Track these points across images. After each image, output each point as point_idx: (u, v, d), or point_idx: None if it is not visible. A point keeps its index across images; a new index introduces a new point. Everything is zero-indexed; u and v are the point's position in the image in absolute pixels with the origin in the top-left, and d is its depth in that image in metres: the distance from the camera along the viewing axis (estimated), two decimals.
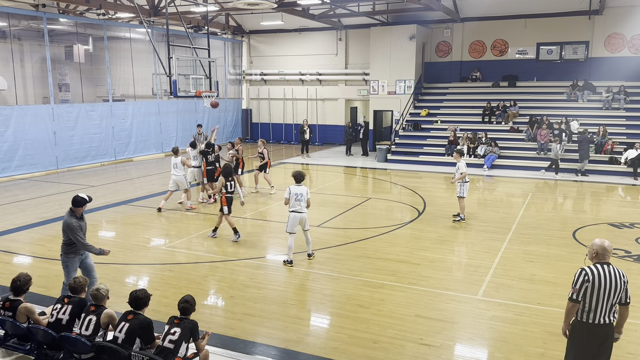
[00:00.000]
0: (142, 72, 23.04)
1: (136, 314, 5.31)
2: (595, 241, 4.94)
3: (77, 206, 6.98)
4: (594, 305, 4.76)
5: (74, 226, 6.85)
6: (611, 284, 4.73)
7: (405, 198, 14.96)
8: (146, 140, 23.15)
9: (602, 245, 4.86)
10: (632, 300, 7.58)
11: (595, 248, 4.88)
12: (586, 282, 4.74)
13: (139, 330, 5.18)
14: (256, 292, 8.09)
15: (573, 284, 4.80)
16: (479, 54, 24.36)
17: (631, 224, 11.96)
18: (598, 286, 4.72)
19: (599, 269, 4.77)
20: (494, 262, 9.34)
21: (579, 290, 4.76)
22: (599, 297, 4.73)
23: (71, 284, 5.86)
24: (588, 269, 4.78)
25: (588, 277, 4.74)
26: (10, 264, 9.47)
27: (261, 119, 29.71)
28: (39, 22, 18.70)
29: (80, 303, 5.71)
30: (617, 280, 4.76)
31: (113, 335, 5.29)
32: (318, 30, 26.91)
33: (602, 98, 21.16)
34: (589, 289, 4.74)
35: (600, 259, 4.85)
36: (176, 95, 14.82)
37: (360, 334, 6.67)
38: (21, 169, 18.18)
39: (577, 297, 4.77)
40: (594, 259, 4.89)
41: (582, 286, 4.75)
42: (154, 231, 11.69)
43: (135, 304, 5.35)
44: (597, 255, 4.87)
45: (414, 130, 22.97)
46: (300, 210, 9.09)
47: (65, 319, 5.60)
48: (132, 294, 5.41)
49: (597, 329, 4.81)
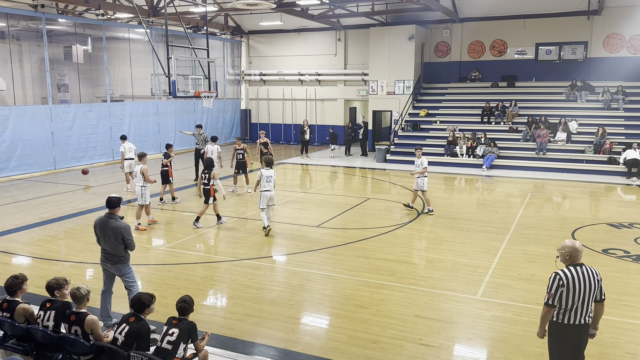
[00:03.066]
0: (141, 72, 23.02)
1: (138, 318, 5.27)
2: (566, 242, 4.91)
3: (114, 207, 6.67)
4: (570, 307, 4.76)
5: (128, 227, 6.66)
6: (586, 285, 4.73)
7: (404, 198, 14.95)
8: (144, 140, 23.12)
9: (573, 247, 4.82)
10: (631, 301, 7.65)
11: (567, 250, 4.84)
12: (561, 287, 4.72)
13: (137, 336, 5.15)
14: (255, 292, 8.08)
15: (548, 289, 4.78)
16: (478, 54, 24.38)
17: (630, 224, 11.97)
18: (573, 289, 4.71)
19: (572, 271, 4.75)
20: (493, 262, 9.34)
21: (554, 295, 4.74)
22: (574, 299, 4.73)
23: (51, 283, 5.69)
24: (562, 273, 4.76)
25: (562, 281, 4.72)
26: (9, 265, 9.45)
27: (260, 120, 29.70)
28: (38, 23, 18.67)
29: (63, 307, 5.54)
30: (591, 281, 4.75)
31: (112, 337, 5.27)
32: (317, 31, 26.92)
33: (600, 99, 21.19)
34: (564, 293, 4.73)
35: (573, 260, 4.82)
36: (175, 95, 14.81)
37: (359, 334, 6.67)
38: (19, 169, 18.16)
39: (552, 302, 4.76)
40: (567, 261, 4.85)
41: (557, 291, 4.73)
42: (153, 232, 11.67)
43: (137, 307, 5.31)
44: (570, 257, 4.83)
45: (413, 131, 22.98)
46: (270, 189, 10.83)
47: (51, 325, 5.49)
48: (136, 296, 5.37)
49: (573, 330, 4.82)
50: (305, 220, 12.40)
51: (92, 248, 10.36)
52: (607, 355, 6.12)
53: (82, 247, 10.39)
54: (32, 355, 5.59)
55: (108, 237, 6.61)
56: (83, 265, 9.35)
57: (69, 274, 7.54)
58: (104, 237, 6.66)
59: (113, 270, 6.80)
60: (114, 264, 6.73)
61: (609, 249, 10.08)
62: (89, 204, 14.08)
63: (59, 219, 12.59)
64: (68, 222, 12.40)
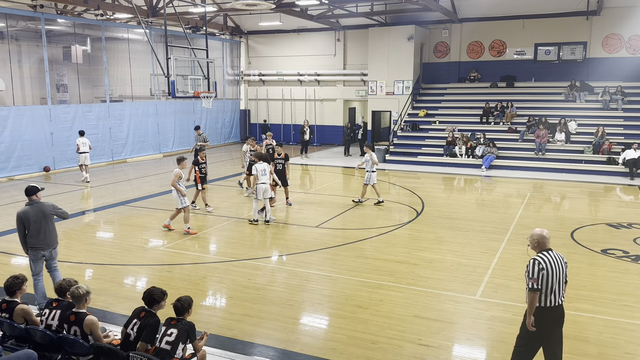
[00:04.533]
0: (140, 72, 23.01)
1: (148, 313, 5.27)
2: (535, 231, 5.24)
3: (33, 194, 7.36)
4: (549, 289, 5.02)
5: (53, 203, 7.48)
6: (559, 268, 5.09)
7: (403, 198, 14.96)
8: (144, 141, 23.12)
9: (542, 234, 5.18)
10: (631, 301, 7.67)
11: (536, 238, 5.19)
12: (542, 270, 5.00)
13: (146, 328, 5.14)
14: (254, 292, 8.08)
15: (530, 275, 5.03)
16: (477, 55, 24.39)
17: (629, 224, 11.98)
18: (551, 271, 5.02)
19: (547, 255, 5.09)
20: (492, 263, 9.34)
21: (538, 279, 5.00)
22: (553, 281, 5.02)
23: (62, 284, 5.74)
24: (539, 257, 5.07)
25: (542, 264, 5.01)
26: (9, 265, 9.45)
27: (259, 120, 29.70)
28: (37, 23, 18.67)
29: (69, 307, 5.56)
30: (562, 263, 5.13)
31: (125, 333, 5.27)
32: (316, 31, 26.92)
33: (599, 99, 21.21)
34: (545, 276, 4.99)
35: (542, 247, 5.17)
36: (174, 96, 14.80)
37: (358, 335, 6.67)
38: (18, 169, 18.15)
39: (538, 285, 5.00)
40: (537, 248, 5.20)
41: (539, 274, 4.99)
42: (152, 232, 11.66)
43: (148, 301, 5.30)
44: (539, 244, 5.18)
45: (412, 131, 22.98)
46: (265, 182, 11.72)
47: (54, 325, 5.50)
48: (148, 291, 5.34)
49: (553, 311, 5.10)
50: (305, 221, 12.39)
51: (92, 248, 10.38)
52: (607, 355, 6.12)
53: (81, 248, 10.39)
54: None
55: (41, 221, 7.23)
56: (82, 266, 9.34)
57: (68, 275, 7.53)
58: (39, 223, 7.21)
59: (47, 255, 7.39)
60: (54, 249, 7.44)
61: (608, 249, 10.08)
62: (88, 204, 14.08)
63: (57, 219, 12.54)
64: (67, 223, 12.37)
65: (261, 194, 11.79)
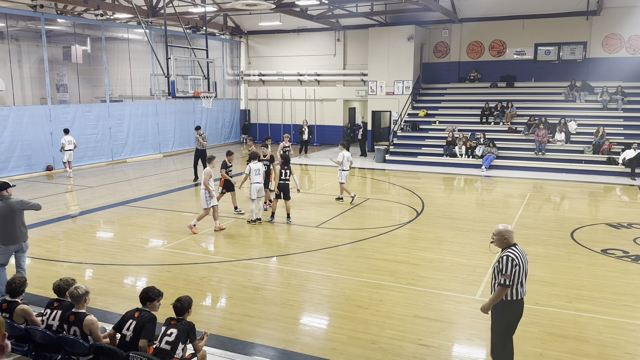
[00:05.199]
0: (140, 72, 23.01)
1: (143, 310, 5.28)
2: (499, 227, 5.33)
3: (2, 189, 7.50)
4: (520, 282, 5.17)
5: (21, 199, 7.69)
6: (526, 261, 5.27)
7: (403, 198, 14.96)
8: (143, 141, 23.12)
9: (507, 229, 5.30)
10: (631, 301, 7.67)
11: (504, 234, 5.27)
12: (515, 266, 5.11)
13: (142, 325, 5.15)
14: (254, 292, 8.08)
15: (503, 272, 5.12)
16: (477, 55, 24.39)
17: (629, 224, 11.98)
18: (522, 266, 5.18)
19: (517, 251, 5.23)
20: (492, 263, 9.32)
21: (511, 276, 5.11)
22: (521, 275, 5.19)
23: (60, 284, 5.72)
24: (512, 254, 5.17)
25: (516, 261, 5.15)
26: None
27: (259, 120, 29.70)
28: (37, 23, 18.66)
29: (70, 307, 5.55)
30: (525, 257, 5.31)
31: (121, 334, 5.27)
32: (316, 31, 26.92)
33: (599, 99, 21.21)
34: (517, 272, 5.12)
35: (509, 242, 5.27)
36: (174, 96, 14.79)
37: (358, 335, 6.67)
38: (18, 169, 18.14)
39: (509, 282, 5.14)
40: (504, 244, 5.31)
41: (512, 271, 5.10)
42: (152, 232, 11.67)
43: (143, 298, 5.31)
44: (506, 240, 5.27)
45: (412, 131, 22.98)
46: (259, 181, 11.75)
47: (55, 325, 5.50)
48: (145, 289, 5.36)
49: (521, 303, 5.31)
50: (305, 221, 12.39)
51: (92, 248, 10.38)
52: (606, 356, 6.12)
53: (81, 248, 10.39)
54: (31, 356, 5.59)
55: (13, 215, 7.45)
56: (82, 266, 9.34)
57: (68, 275, 7.52)
58: (10, 218, 7.43)
59: (17, 247, 7.62)
60: (24, 241, 7.68)
61: (608, 249, 10.08)
62: (88, 204, 14.08)
63: (57, 219, 12.59)
64: (67, 223, 12.40)
65: (255, 194, 11.85)
